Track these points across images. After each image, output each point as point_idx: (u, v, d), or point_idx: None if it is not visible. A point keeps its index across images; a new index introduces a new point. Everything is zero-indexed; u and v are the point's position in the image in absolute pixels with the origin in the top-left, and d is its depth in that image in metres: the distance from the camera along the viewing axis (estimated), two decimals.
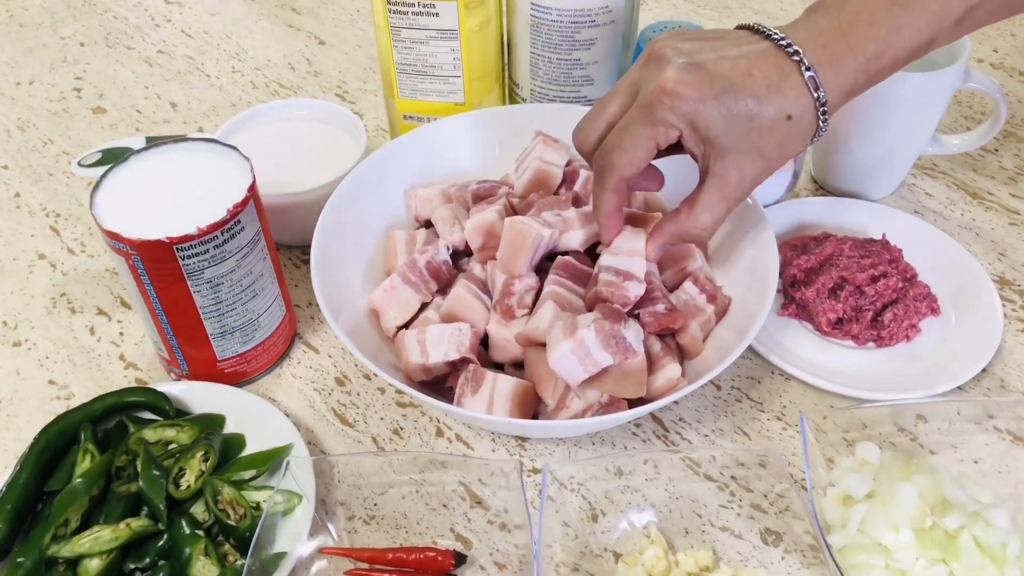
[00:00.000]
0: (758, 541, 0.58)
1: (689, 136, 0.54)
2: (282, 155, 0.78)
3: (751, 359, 0.69)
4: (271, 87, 0.99)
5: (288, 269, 0.78)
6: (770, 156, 0.55)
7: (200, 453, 0.60)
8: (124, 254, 0.60)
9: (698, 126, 0.53)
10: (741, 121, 0.53)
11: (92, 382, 0.70)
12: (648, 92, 0.54)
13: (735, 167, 0.55)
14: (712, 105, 0.52)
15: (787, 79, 0.53)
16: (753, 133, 0.53)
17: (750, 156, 0.54)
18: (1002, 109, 0.74)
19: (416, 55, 0.76)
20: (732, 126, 0.53)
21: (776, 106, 0.53)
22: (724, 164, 0.55)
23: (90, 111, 0.97)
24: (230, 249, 0.61)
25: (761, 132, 0.53)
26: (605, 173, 0.57)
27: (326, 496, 0.61)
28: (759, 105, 0.52)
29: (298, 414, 0.67)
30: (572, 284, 0.63)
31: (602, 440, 0.65)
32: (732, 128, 0.53)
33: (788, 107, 0.53)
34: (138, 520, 0.56)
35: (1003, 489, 0.59)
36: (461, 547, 0.59)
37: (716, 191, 0.56)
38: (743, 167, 0.55)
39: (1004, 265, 0.75)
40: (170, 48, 1.06)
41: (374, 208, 0.72)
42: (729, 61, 0.53)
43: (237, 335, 0.65)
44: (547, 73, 0.79)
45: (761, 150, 0.54)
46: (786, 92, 0.53)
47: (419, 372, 0.62)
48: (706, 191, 0.56)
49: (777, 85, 0.52)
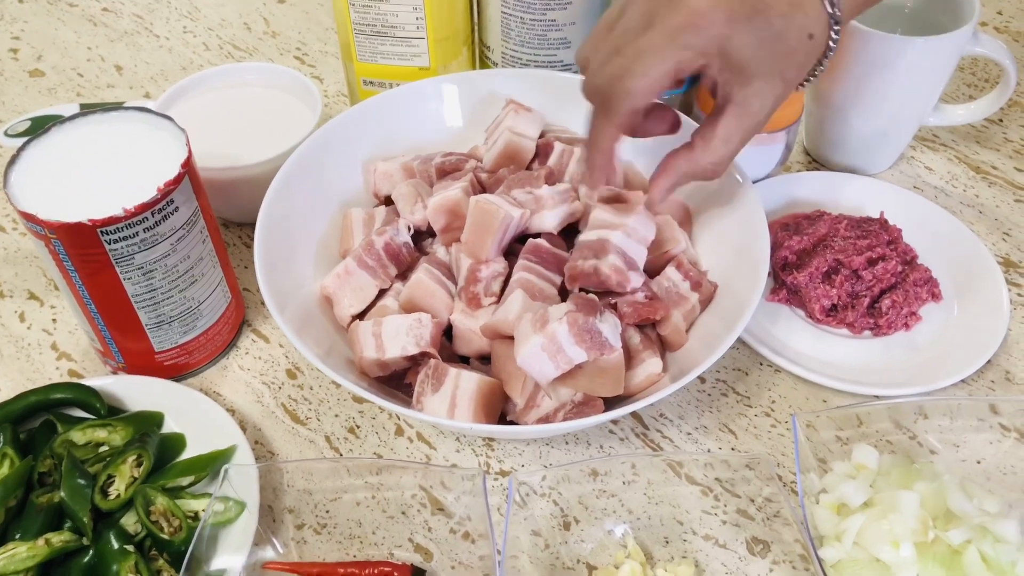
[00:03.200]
0: (744, 551, 0.54)
1: (715, 64, 0.50)
2: (230, 125, 0.72)
3: (738, 349, 0.64)
4: (225, 49, 0.92)
5: (237, 250, 0.72)
6: (789, 79, 0.51)
7: (132, 458, 0.54)
8: (43, 238, 0.54)
9: (729, 52, 0.49)
10: (769, 44, 0.49)
11: (20, 374, 0.64)
12: (673, 15, 0.49)
13: (758, 94, 0.51)
14: (744, 28, 0.49)
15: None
16: (779, 56, 0.50)
17: (772, 81, 0.51)
18: (1012, 76, 0.69)
19: (375, 14, 0.69)
20: (762, 50, 0.49)
21: (799, 25, 0.50)
22: (748, 92, 0.51)
23: (27, 74, 0.90)
24: (163, 232, 0.55)
25: (786, 55, 0.50)
26: (615, 102, 0.51)
27: (273, 502, 0.55)
28: (785, 25, 0.49)
29: (245, 410, 0.61)
30: (544, 270, 0.57)
31: (576, 439, 0.60)
32: (762, 53, 0.50)
33: (810, 25, 0.50)
34: (59, 535, 0.51)
35: (1010, 494, 0.54)
36: (420, 559, 0.54)
37: (735, 121, 0.52)
38: (764, 93, 0.51)
39: (1009, 245, 0.70)
40: (116, 6, 0.99)
41: (328, 183, 0.66)
42: None
43: (176, 325, 0.60)
44: (520, 35, 0.72)
45: (783, 73, 0.51)
46: (807, 9, 0.50)
47: (374, 368, 0.56)
48: (724, 121, 0.52)
49: (799, 2, 0.49)
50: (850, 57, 0.67)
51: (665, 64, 0.49)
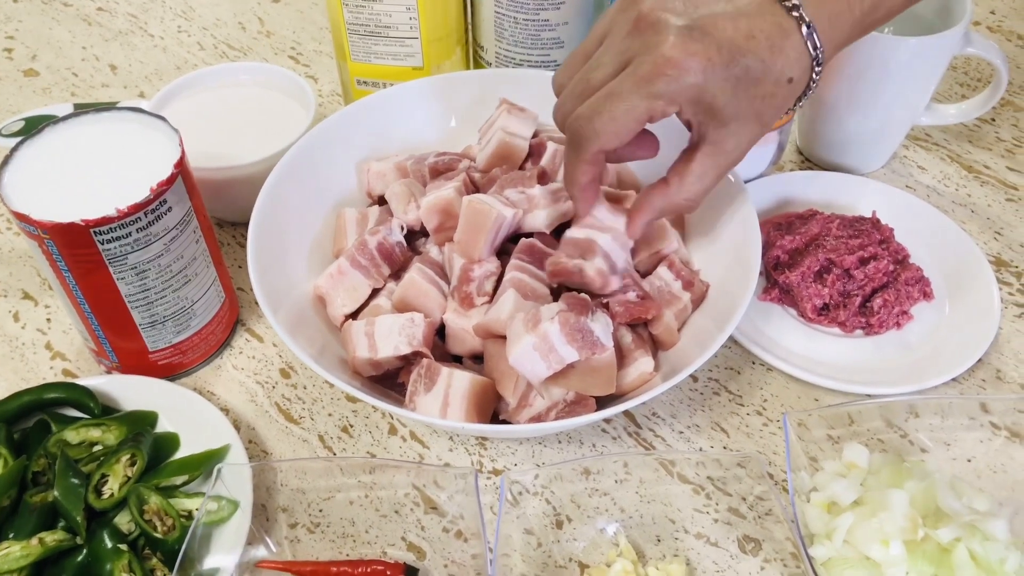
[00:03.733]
0: (735, 549, 0.54)
1: (688, 109, 0.49)
2: (225, 124, 0.72)
3: (730, 348, 0.64)
4: (219, 48, 0.92)
5: (231, 249, 0.72)
6: (766, 121, 0.52)
7: (126, 457, 0.54)
8: (36, 238, 0.54)
9: (703, 98, 0.49)
10: (746, 89, 0.49)
11: (14, 374, 0.64)
12: (648, 62, 0.48)
13: (733, 135, 0.51)
14: (720, 75, 0.48)
15: (788, 39, 0.49)
16: (756, 99, 0.50)
17: (749, 123, 0.51)
18: (1003, 76, 0.69)
19: (369, 14, 0.69)
20: (737, 95, 0.49)
21: (779, 69, 0.49)
22: (723, 133, 0.51)
23: (21, 74, 0.90)
24: (156, 232, 0.55)
25: (764, 98, 0.50)
26: (583, 142, 0.51)
27: (267, 501, 0.56)
28: (764, 70, 0.49)
29: (239, 410, 0.62)
30: (536, 270, 0.58)
31: (569, 438, 0.60)
32: (738, 98, 0.49)
33: (790, 69, 0.49)
34: (53, 534, 0.51)
35: (999, 492, 0.54)
36: (413, 558, 0.54)
37: (710, 160, 0.52)
38: (740, 134, 0.51)
39: (1001, 244, 0.70)
40: (111, 5, 0.98)
41: (322, 183, 0.66)
42: (729, 22, 0.48)
43: (169, 324, 0.60)
44: (513, 35, 0.73)
45: (760, 115, 0.51)
46: (788, 53, 0.49)
47: (367, 367, 0.56)
48: (699, 159, 0.52)
49: (780, 46, 0.49)
50: (842, 57, 0.67)
51: (635, 111, 0.48)
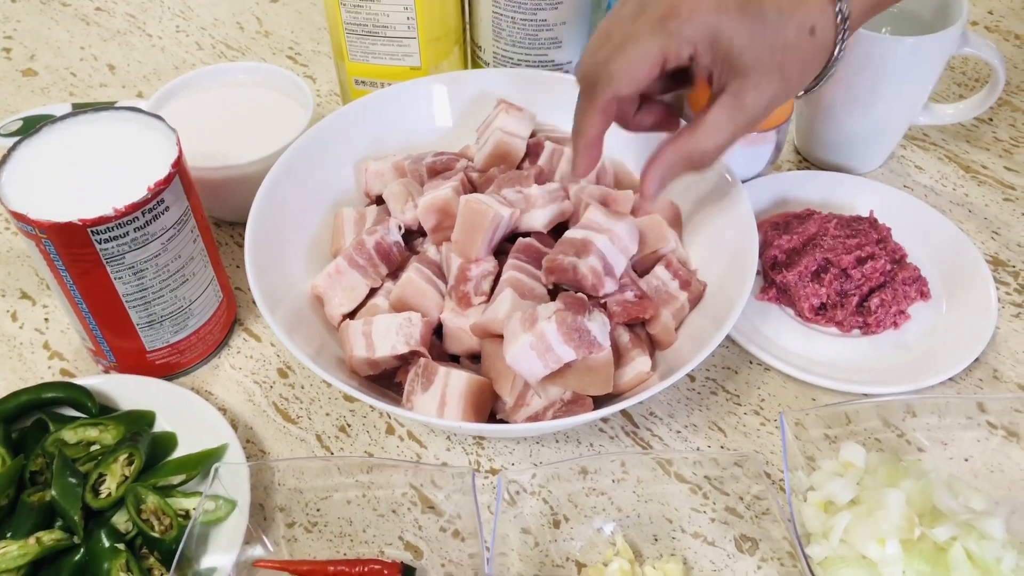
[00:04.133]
0: (732, 548, 0.54)
1: (705, 53, 0.49)
2: (223, 124, 0.72)
3: (727, 347, 0.64)
4: (217, 48, 0.92)
5: (229, 249, 0.72)
6: (790, 77, 0.50)
7: (124, 456, 0.54)
8: (34, 237, 0.54)
9: (719, 41, 0.48)
10: (764, 37, 0.48)
11: (12, 374, 0.64)
12: (662, 4, 0.48)
13: (754, 87, 0.50)
14: (735, 17, 0.48)
15: None
16: (777, 49, 0.49)
17: (769, 76, 0.49)
18: (1000, 76, 0.69)
19: (367, 14, 0.69)
20: (756, 42, 0.48)
21: (800, 18, 0.48)
22: (742, 84, 0.50)
23: (19, 73, 0.90)
24: (154, 231, 0.55)
25: (785, 48, 0.49)
26: (597, 87, 0.50)
27: (264, 501, 0.56)
28: (782, 17, 0.48)
29: (236, 409, 0.62)
30: (533, 269, 0.58)
31: (566, 437, 0.60)
32: (756, 45, 0.48)
33: (811, 18, 0.48)
34: (50, 533, 0.51)
35: (996, 491, 0.55)
36: (410, 557, 0.54)
37: (726, 112, 0.50)
38: (761, 88, 0.50)
39: (998, 244, 0.70)
40: (109, 5, 0.98)
41: (320, 183, 0.66)
42: None
43: (167, 324, 0.60)
44: (511, 35, 0.73)
45: (783, 70, 0.49)
46: (809, 5, 0.48)
47: (365, 366, 0.56)
48: (715, 109, 0.51)
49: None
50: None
51: (650, 53, 0.49)
